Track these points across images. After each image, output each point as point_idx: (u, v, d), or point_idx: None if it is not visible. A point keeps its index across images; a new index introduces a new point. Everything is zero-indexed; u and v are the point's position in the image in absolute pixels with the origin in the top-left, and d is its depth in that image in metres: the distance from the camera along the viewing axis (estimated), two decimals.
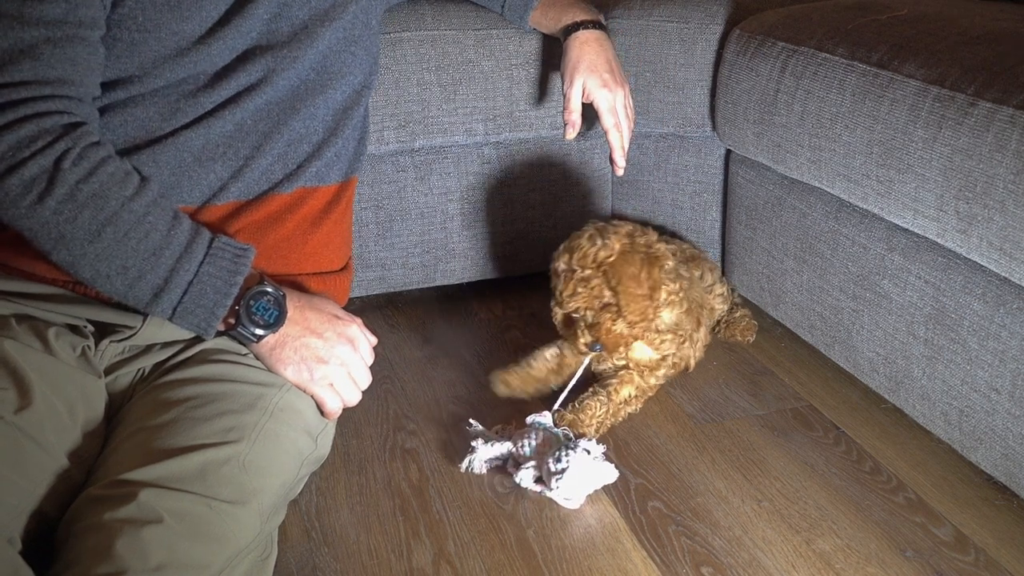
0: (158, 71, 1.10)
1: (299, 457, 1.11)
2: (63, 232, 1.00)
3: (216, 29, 1.12)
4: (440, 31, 1.64)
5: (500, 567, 1.17)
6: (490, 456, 1.33)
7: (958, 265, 1.23)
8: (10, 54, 0.99)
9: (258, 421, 1.05)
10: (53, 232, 1.00)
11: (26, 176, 0.98)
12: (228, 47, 1.13)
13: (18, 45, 0.99)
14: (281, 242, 1.20)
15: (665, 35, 1.66)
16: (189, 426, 1.01)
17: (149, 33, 1.08)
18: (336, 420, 1.20)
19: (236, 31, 1.13)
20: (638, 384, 1.46)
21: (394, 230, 1.76)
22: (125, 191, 1.02)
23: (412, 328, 1.77)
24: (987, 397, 1.21)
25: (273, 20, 1.16)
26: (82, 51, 1.03)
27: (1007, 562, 1.16)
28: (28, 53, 0.99)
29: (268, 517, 1.04)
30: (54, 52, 1.00)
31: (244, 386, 1.09)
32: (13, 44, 0.99)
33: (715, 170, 1.75)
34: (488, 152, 1.76)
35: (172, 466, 0.96)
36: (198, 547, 0.92)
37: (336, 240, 1.29)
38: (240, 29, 1.13)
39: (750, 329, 1.68)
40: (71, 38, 1.01)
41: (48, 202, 0.99)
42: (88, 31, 1.03)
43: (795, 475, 1.33)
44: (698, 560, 1.17)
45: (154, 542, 0.89)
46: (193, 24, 1.10)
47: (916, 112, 1.22)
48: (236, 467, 1.00)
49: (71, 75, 1.02)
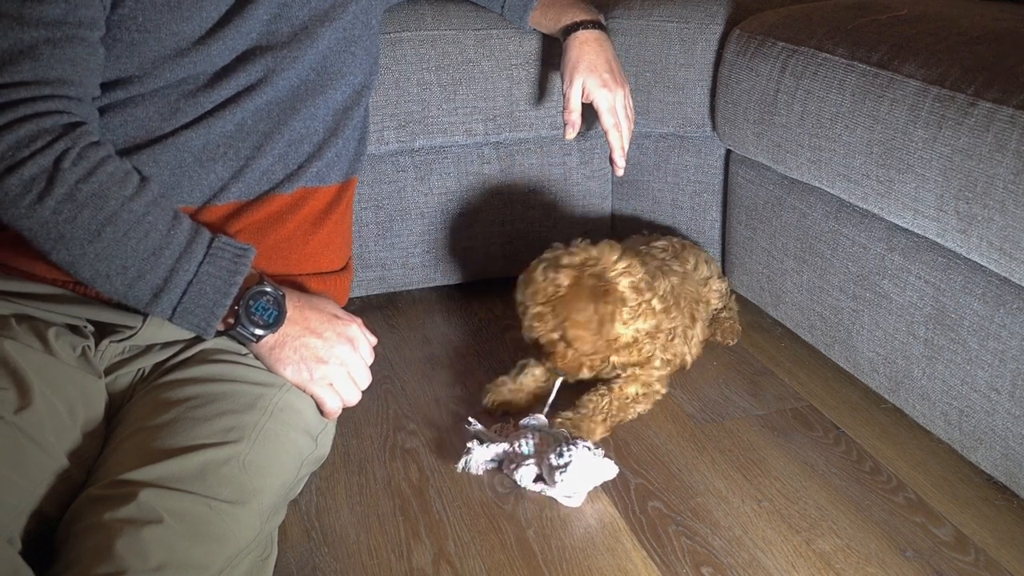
0: (158, 71, 1.10)
1: (299, 457, 1.11)
2: (63, 232, 1.00)
3: (216, 30, 1.12)
4: (440, 31, 1.64)
5: (500, 567, 1.17)
6: (486, 457, 1.33)
7: (958, 265, 1.23)
8: (10, 55, 0.99)
9: (258, 421, 1.05)
10: (53, 232, 1.00)
11: (25, 176, 0.98)
12: (228, 47, 1.13)
13: (18, 46, 0.99)
14: (282, 242, 1.20)
15: (665, 35, 1.66)
16: (189, 426, 1.01)
17: (149, 33, 1.08)
18: (336, 420, 1.21)
19: (236, 32, 1.13)
20: (644, 381, 1.45)
21: (394, 230, 1.76)
22: (125, 191, 1.02)
23: (412, 328, 1.77)
24: (987, 397, 1.21)
25: (273, 21, 1.16)
26: (82, 51, 1.03)
27: (1007, 562, 1.16)
28: (28, 54, 0.99)
29: (268, 517, 1.04)
30: (54, 53, 1.00)
31: (244, 386, 1.09)
32: (13, 45, 0.99)
33: (715, 170, 1.75)
34: (488, 152, 1.76)
35: (172, 466, 0.96)
36: (198, 547, 0.92)
37: (337, 240, 1.29)
38: (240, 30, 1.13)
39: (732, 332, 1.66)
40: (71, 39, 1.01)
41: (47, 202, 0.99)
42: (88, 31, 1.03)
43: (795, 475, 1.33)
44: (698, 560, 1.17)
45: (154, 542, 0.89)
46: (193, 25, 1.10)
47: (916, 112, 1.22)
48: (236, 467, 1.00)
49: (71, 75, 1.02)
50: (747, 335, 1.69)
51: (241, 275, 1.06)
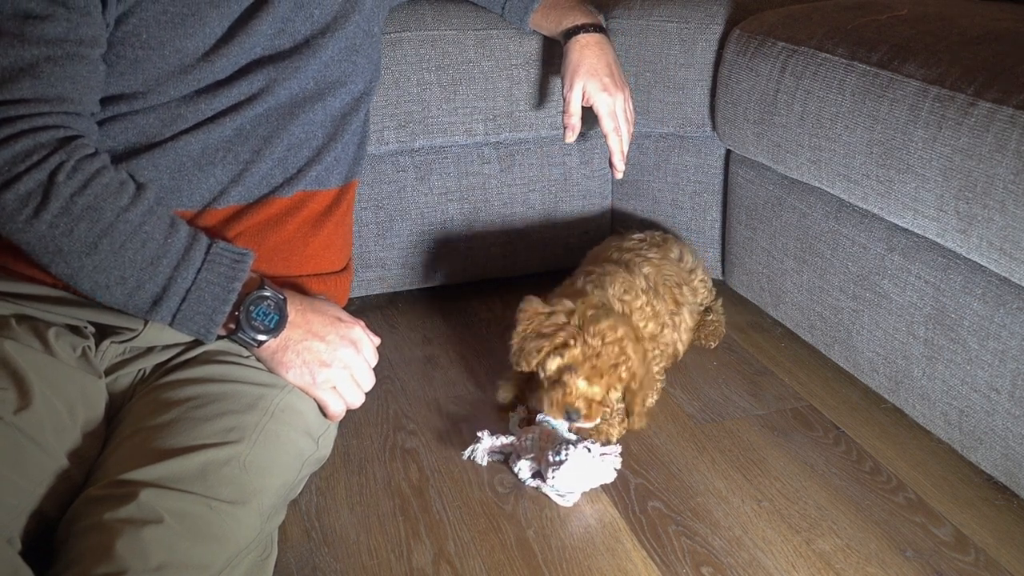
0: (162, 87, 1.10)
1: (300, 458, 1.11)
2: (60, 245, 1.00)
3: (219, 46, 1.12)
4: (440, 31, 1.64)
5: (500, 567, 1.17)
6: (494, 447, 1.34)
7: (958, 265, 1.23)
8: (10, 72, 0.99)
9: (259, 422, 1.05)
10: (50, 246, 1.00)
11: (22, 191, 0.98)
12: (231, 63, 1.13)
13: (18, 63, 0.99)
14: (282, 245, 1.20)
15: (665, 35, 1.66)
16: (190, 426, 1.01)
17: (153, 50, 1.08)
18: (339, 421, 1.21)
19: (239, 47, 1.12)
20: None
21: (394, 230, 1.76)
22: (120, 201, 1.02)
23: (412, 328, 1.77)
24: (987, 397, 1.21)
25: (277, 35, 1.16)
26: (82, 69, 1.03)
27: (1007, 562, 1.16)
28: (28, 71, 0.99)
29: (268, 517, 1.04)
30: (54, 70, 1.00)
31: (245, 387, 1.09)
32: (13, 62, 0.99)
33: (715, 170, 1.75)
34: (488, 152, 1.76)
35: (173, 466, 0.96)
36: (198, 547, 0.92)
37: (337, 242, 1.29)
38: (243, 45, 1.13)
39: (716, 335, 1.66)
40: (71, 56, 1.01)
41: (44, 216, 0.99)
42: (89, 49, 1.03)
43: (795, 475, 1.33)
44: (698, 560, 1.17)
45: (154, 542, 0.89)
46: (197, 41, 1.10)
47: (916, 112, 1.22)
48: (237, 467, 1.00)
49: (70, 93, 1.02)
50: (747, 335, 1.69)
51: (239, 280, 1.06)
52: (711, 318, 1.67)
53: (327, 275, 1.27)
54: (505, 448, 1.35)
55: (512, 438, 1.35)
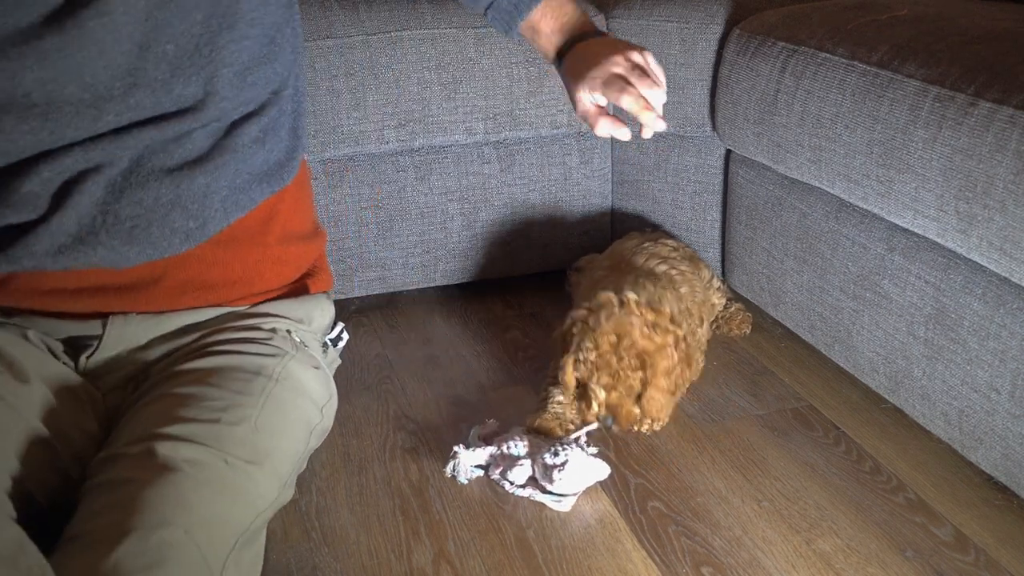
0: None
1: (307, 426, 1.12)
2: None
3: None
4: (440, 29, 1.64)
5: (500, 567, 1.17)
6: (474, 462, 1.32)
7: (958, 265, 1.23)
8: None
9: (264, 386, 1.07)
10: None
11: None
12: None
13: None
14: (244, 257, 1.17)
15: (665, 35, 1.66)
16: (198, 400, 1.02)
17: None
18: (336, 400, 1.21)
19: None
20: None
21: (394, 230, 1.76)
22: None
23: (412, 328, 1.77)
24: (987, 397, 1.21)
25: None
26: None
27: (1007, 562, 1.16)
28: None
29: (284, 484, 1.05)
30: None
31: (246, 358, 1.10)
32: None
33: (715, 170, 1.75)
34: (488, 152, 1.76)
35: (186, 426, 0.97)
36: (217, 500, 0.93)
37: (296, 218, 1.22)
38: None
39: (746, 322, 1.69)
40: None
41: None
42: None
43: (795, 475, 1.33)
44: (698, 560, 1.17)
45: (172, 492, 0.90)
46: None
47: (916, 112, 1.22)
48: (248, 428, 1.01)
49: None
50: (747, 335, 1.69)
51: None
52: (733, 309, 1.69)
53: (299, 239, 1.23)
54: (485, 459, 1.32)
55: (490, 448, 1.32)
